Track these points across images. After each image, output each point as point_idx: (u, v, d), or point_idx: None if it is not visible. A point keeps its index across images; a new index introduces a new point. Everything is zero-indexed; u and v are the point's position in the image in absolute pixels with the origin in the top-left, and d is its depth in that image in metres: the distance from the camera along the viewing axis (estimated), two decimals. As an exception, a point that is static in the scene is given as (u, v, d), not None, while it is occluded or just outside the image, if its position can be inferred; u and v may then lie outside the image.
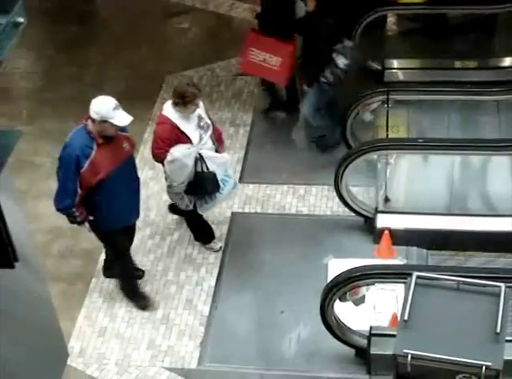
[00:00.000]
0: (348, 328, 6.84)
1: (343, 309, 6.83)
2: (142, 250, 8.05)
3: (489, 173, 8.57)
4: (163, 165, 7.27)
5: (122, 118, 6.62)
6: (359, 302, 6.91)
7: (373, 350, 6.64)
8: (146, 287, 7.69)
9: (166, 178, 7.41)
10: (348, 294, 6.66)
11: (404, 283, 5.96)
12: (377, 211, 7.96)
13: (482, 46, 10.14)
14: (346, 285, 6.50)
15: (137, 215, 7.29)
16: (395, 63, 9.63)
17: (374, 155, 8.06)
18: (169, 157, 7.10)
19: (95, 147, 6.62)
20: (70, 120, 9.71)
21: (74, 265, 7.98)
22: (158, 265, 7.90)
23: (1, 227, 4.67)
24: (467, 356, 5.26)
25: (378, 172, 8.27)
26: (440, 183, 8.28)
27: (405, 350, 5.34)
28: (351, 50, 8.43)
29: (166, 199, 8.55)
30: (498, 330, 5.34)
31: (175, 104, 7.14)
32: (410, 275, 5.79)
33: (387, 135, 8.28)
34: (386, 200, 8.09)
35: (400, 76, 9.55)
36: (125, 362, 7.09)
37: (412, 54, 10.09)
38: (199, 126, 7.25)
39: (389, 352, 5.52)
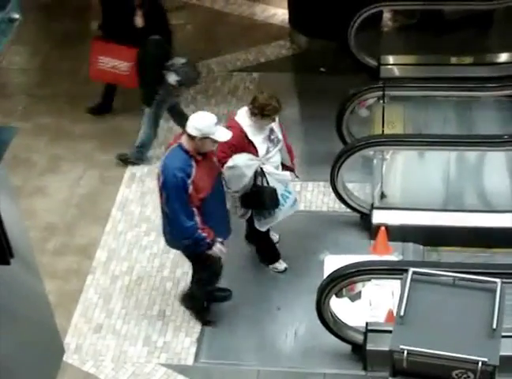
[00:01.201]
0: (345, 324, 6.84)
1: (339, 305, 6.83)
2: (138, 247, 8.05)
3: (485, 169, 8.57)
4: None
5: (223, 133, 6.37)
6: (355, 298, 6.92)
7: (369, 346, 6.64)
8: (142, 283, 7.69)
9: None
10: (344, 290, 6.66)
11: (400, 279, 5.97)
12: (373, 207, 7.96)
13: (478, 42, 10.14)
14: (342, 281, 6.50)
15: (230, 229, 6.95)
16: (391, 59, 9.62)
17: (370, 152, 8.06)
18: (230, 162, 6.87)
19: (194, 165, 6.32)
20: (66, 116, 9.76)
21: (70, 262, 7.98)
22: (154, 262, 7.90)
23: (-3, 223, 4.67)
24: (463, 352, 5.26)
25: (374, 168, 8.27)
26: (436, 179, 8.28)
27: (401, 346, 5.34)
28: (182, 67, 8.35)
29: (162, 195, 8.56)
30: (495, 326, 5.35)
31: (253, 114, 6.89)
32: (406, 271, 5.79)
33: (383, 131, 8.28)
34: (382, 196, 8.09)
35: (396, 72, 9.54)
36: (121, 358, 7.09)
37: (408, 50, 10.09)
38: (269, 139, 7.04)
39: (386, 348, 5.52)
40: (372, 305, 7.20)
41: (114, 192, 8.66)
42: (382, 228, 7.73)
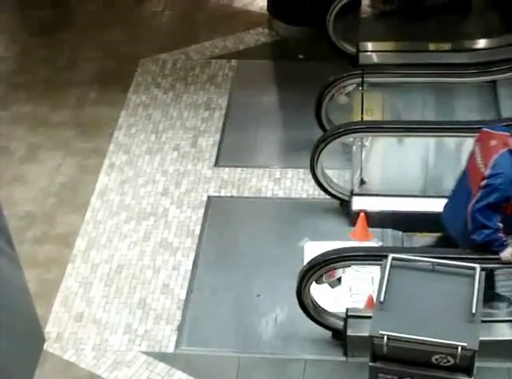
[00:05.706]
0: (325, 311, 6.86)
1: (319, 292, 6.85)
2: (118, 235, 8.03)
3: (464, 155, 8.57)
4: None
5: None
6: (335, 284, 6.94)
7: (349, 332, 6.67)
8: (122, 272, 7.68)
9: None
10: (324, 276, 6.68)
11: (379, 264, 5.99)
12: (352, 193, 7.98)
13: (456, 29, 10.14)
14: (322, 267, 6.52)
15: None
16: (370, 46, 9.61)
17: (349, 138, 8.06)
18: None
19: None
20: (44, 104, 9.71)
21: (49, 251, 7.95)
22: (134, 250, 7.89)
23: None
24: (443, 337, 5.30)
25: (353, 155, 8.28)
26: (415, 165, 8.30)
27: (381, 332, 5.38)
28: None
29: (141, 183, 8.55)
30: (474, 310, 5.39)
31: None
32: (385, 256, 5.82)
33: (362, 118, 8.29)
34: (362, 182, 8.10)
35: (375, 58, 9.53)
36: (102, 346, 7.08)
37: (387, 37, 10.07)
38: None
39: (366, 334, 5.55)
40: (352, 291, 7.23)
41: (94, 180, 8.62)
42: (362, 214, 7.75)
